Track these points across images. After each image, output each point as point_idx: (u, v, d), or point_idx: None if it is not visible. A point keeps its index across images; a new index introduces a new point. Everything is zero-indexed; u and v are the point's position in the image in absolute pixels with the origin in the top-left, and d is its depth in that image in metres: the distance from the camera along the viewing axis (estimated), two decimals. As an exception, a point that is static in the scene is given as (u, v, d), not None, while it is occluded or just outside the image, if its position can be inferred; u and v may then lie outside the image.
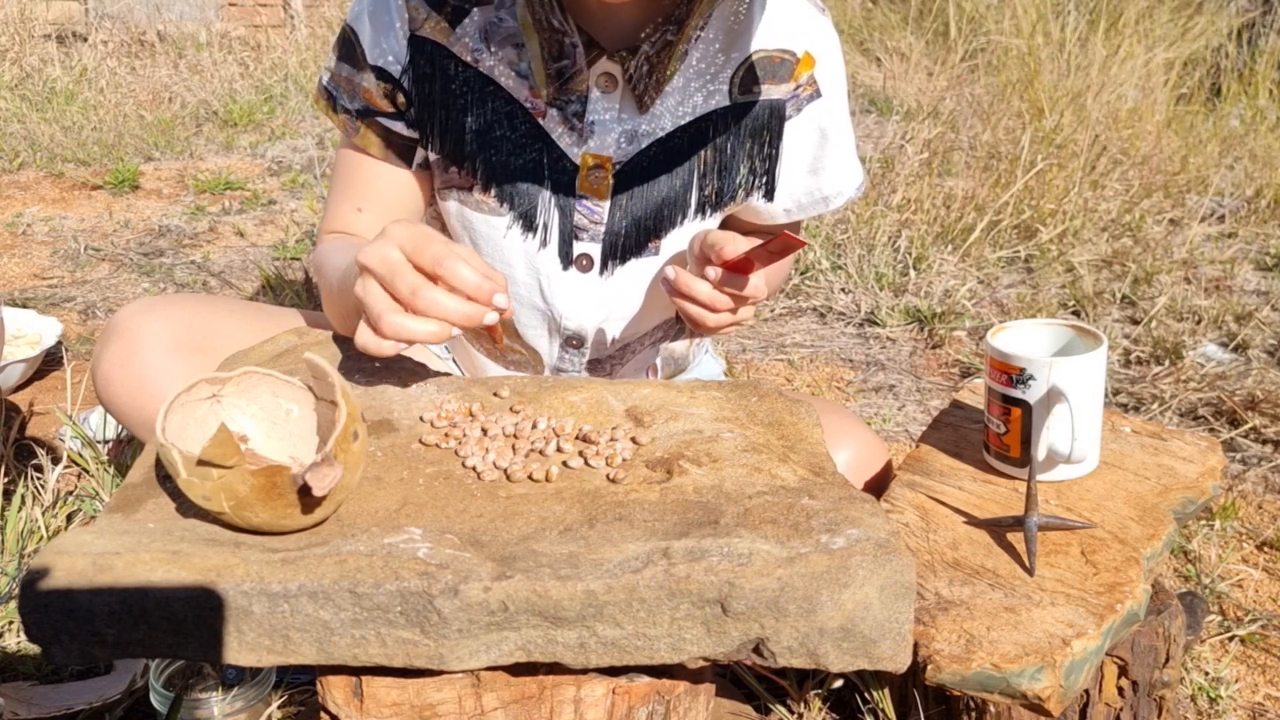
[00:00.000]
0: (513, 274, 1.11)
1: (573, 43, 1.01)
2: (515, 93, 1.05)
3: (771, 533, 0.69)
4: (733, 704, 1.00)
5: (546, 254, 1.10)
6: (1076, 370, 0.96)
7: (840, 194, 1.18)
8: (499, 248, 1.10)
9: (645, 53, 1.02)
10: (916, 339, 2.23)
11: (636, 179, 1.08)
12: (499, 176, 1.07)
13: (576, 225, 1.09)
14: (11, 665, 1.10)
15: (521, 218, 1.08)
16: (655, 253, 1.12)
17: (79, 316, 2.30)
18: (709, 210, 1.12)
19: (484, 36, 1.04)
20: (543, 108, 1.05)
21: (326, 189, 3.09)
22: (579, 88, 1.04)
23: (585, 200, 1.08)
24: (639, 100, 1.04)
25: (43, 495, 1.35)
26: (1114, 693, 0.88)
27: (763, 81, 1.08)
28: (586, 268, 1.11)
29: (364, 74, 1.07)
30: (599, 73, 1.04)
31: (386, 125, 1.09)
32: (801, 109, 1.12)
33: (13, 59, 4.59)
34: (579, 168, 1.07)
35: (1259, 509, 1.55)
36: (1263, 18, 4.17)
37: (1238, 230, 2.86)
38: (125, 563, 0.64)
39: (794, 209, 1.18)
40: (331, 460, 0.66)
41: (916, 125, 3.38)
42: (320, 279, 1.07)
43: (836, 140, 1.16)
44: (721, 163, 1.10)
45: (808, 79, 1.11)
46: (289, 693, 1.02)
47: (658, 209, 1.09)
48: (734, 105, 1.08)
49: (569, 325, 1.14)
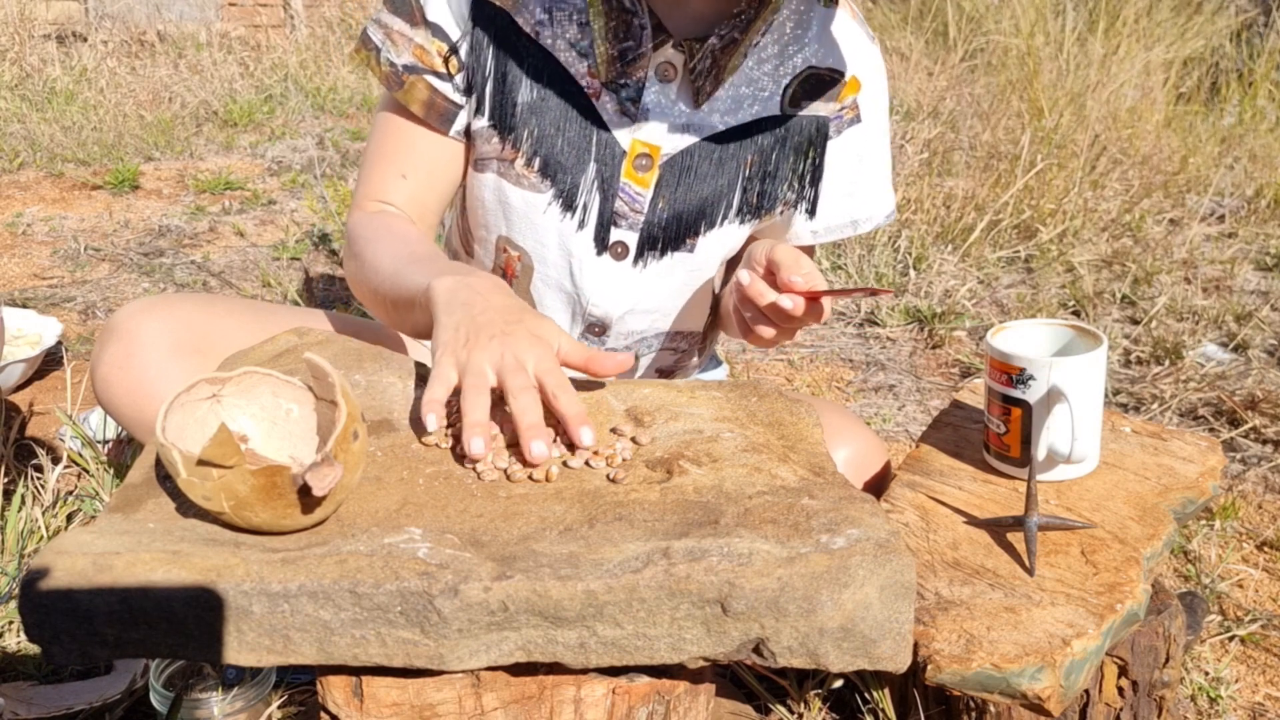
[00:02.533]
0: (544, 254, 1.11)
1: (641, 24, 1.00)
2: (573, 70, 1.04)
3: (771, 533, 0.69)
4: (733, 704, 1.00)
5: (582, 236, 1.09)
6: (1076, 370, 0.96)
7: (870, 219, 1.18)
8: (534, 225, 1.09)
9: (712, 45, 1.02)
10: (916, 339, 2.23)
11: (683, 172, 1.07)
12: (545, 151, 1.06)
13: (616, 211, 1.08)
14: (11, 665, 1.10)
15: (562, 196, 1.07)
16: (691, 250, 1.11)
17: (79, 316, 2.30)
18: (748, 216, 1.12)
19: (547, 10, 1.03)
20: (598, 88, 1.04)
21: (327, 189, 3.08)
22: (637, 73, 1.03)
23: (629, 187, 1.07)
24: (695, 93, 1.04)
25: (43, 495, 1.35)
26: (1114, 693, 0.88)
27: (812, 97, 1.08)
28: (621, 255, 1.10)
29: (419, 30, 1.06)
30: (660, 60, 1.04)
31: (433, 84, 1.06)
32: (842, 131, 1.13)
33: (13, 59, 4.59)
34: (626, 153, 1.06)
35: (1259, 509, 1.55)
36: (1262, 18, 4.17)
37: (1238, 230, 2.86)
38: (125, 563, 0.64)
39: (821, 231, 1.18)
40: (331, 460, 0.66)
41: (916, 125, 3.38)
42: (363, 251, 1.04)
43: (872, 167, 1.16)
44: (766, 170, 1.10)
45: (851, 103, 1.12)
46: (289, 693, 1.02)
47: (700, 205, 1.09)
48: (784, 115, 1.08)
49: (594, 311, 1.13)
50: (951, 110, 3.66)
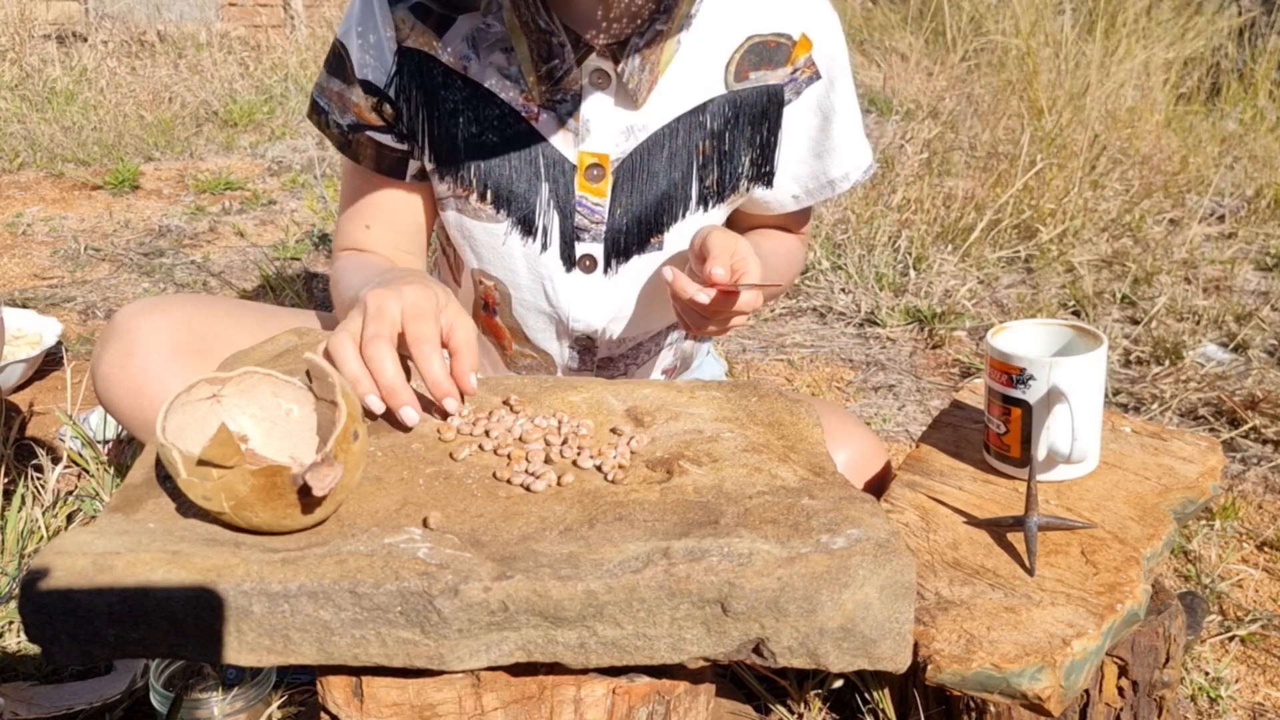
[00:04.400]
0: (516, 279, 1.11)
1: (560, 42, 1.00)
2: (507, 98, 1.04)
3: (771, 533, 0.69)
4: (733, 704, 1.00)
5: (548, 257, 1.09)
6: (1076, 370, 0.96)
7: (847, 177, 1.16)
8: (500, 254, 1.10)
9: (635, 45, 1.01)
10: (916, 339, 2.23)
11: (635, 174, 1.07)
12: (494, 183, 1.06)
13: (577, 226, 1.08)
14: (11, 665, 1.10)
15: (520, 223, 1.08)
16: (659, 248, 1.11)
17: (79, 316, 2.30)
18: (711, 202, 1.10)
19: (471, 43, 1.04)
20: (535, 110, 1.04)
21: (327, 189, 3.09)
22: (571, 87, 1.03)
23: (586, 199, 1.07)
24: (633, 94, 1.03)
25: (43, 495, 1.35)
26: (1114, 693, 0.88)
27: (759, 67, 1.07)
28: (590, 268, 1.10)
29: (353, 88, 1.07)
30: (591, 69, 1.03)
31: (377, 139, 1.09)
32: (800, 92, 1.10)
33: (13, 59, 4.59)
34: (577, 167, 1.06)
35: (1259, 509, 1.55)
36: (1263, 18, 4.17)
37: (1238, 230, 2.86)
38: (125, 563, 0.64)
39: (802, 195, 1.16)
40: (331, 460, 0.66)
41: (916, 125, 3.38)
42: (335, 294, 1.09)
43: (840, 122, 1.13)
44: (721, 152, 1.08)
45: (805, 61, 1.09)
46: (289, 693, 1.02)
47: (658, 204, 1.08)
48: (730, 93, 1.07)
49: (576, 326, 1.13)
50: (951, 110, 3.66)
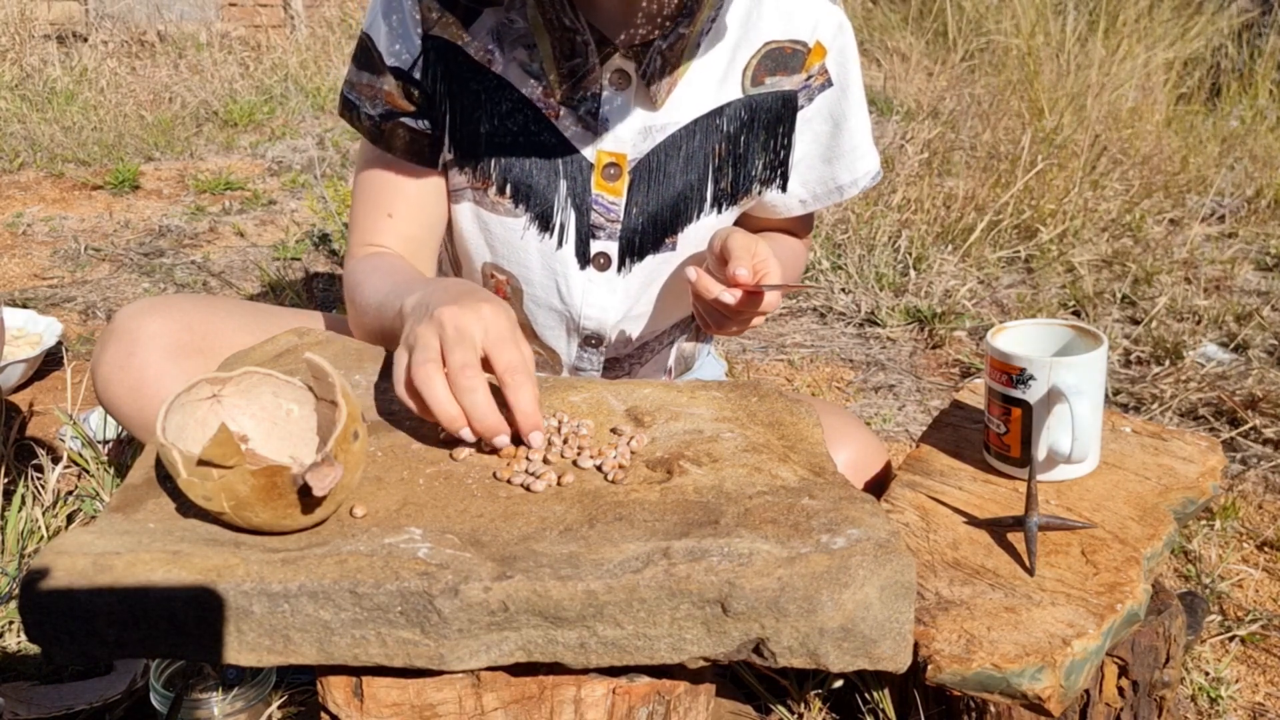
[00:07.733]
0: (530, 275, 1.11)
1: (584, 40, 1.01)
2: (528, 93, 1.05)
3: (772, 533, 0.69)
4: (733, 704, 1.00)
5: (564, 253, 1.10)
6: (1076, 370, 0.96)
7: (855, 183, 1.18)
8: (515, 249, 1.10)
9: (658, 47, 1.02)
10: (916, 339, 2.23)
11: (652, 175, 1.08)
12: (514, 177, 1.07)
13: (593, 224, 1.09)
14: (11, 665, 1.10)
15: (538, 218, 1.08)
16: (673, 248, 1.12)
17: (79, 316, 2.30)
18: (725, 204, 1.12)
19: (496, 38, 1.04)
20: (556, 107, 1.05)
21: (327, 189, 3.09)
22: (592, 86, 1.03)
23: (602, 198, 1.08)
24: (653, 96, 1.05)
25: (43, 495, 1.35)
26: (1114, 693, 0.88)
27: (775, 73, 1.09)
28: (604, 266, 1.11)
29: (384, 77, 1.07)
30: (612, 69, 1.04)
31: (410, 125, 1.08)
32: (813, 98, 1.12)
33: (13, 59, 4.59)
34: (594, 166, 1.07)
35: (1259, 509, 1.55)
36: (1262, 18, 4.17)
37: (1238, 230, 2.86)
38: (125, 563, 0.64)
39: (809, 200, 1.18)
40: (331, 460, 0.66)
41: (916, 125, 3.38)
42: (358, 296, 1.05)
43: (850, 129, 1.15)
44: (736, 155, 1.10)
45: (819, 69, 1.11)
46: (289, 693, 1.02)
47: (674, 204, 1.09)
48: (747, 97, 1.08)
49: (588, 325, 1.13)
50: (951, 110, 3.66)
